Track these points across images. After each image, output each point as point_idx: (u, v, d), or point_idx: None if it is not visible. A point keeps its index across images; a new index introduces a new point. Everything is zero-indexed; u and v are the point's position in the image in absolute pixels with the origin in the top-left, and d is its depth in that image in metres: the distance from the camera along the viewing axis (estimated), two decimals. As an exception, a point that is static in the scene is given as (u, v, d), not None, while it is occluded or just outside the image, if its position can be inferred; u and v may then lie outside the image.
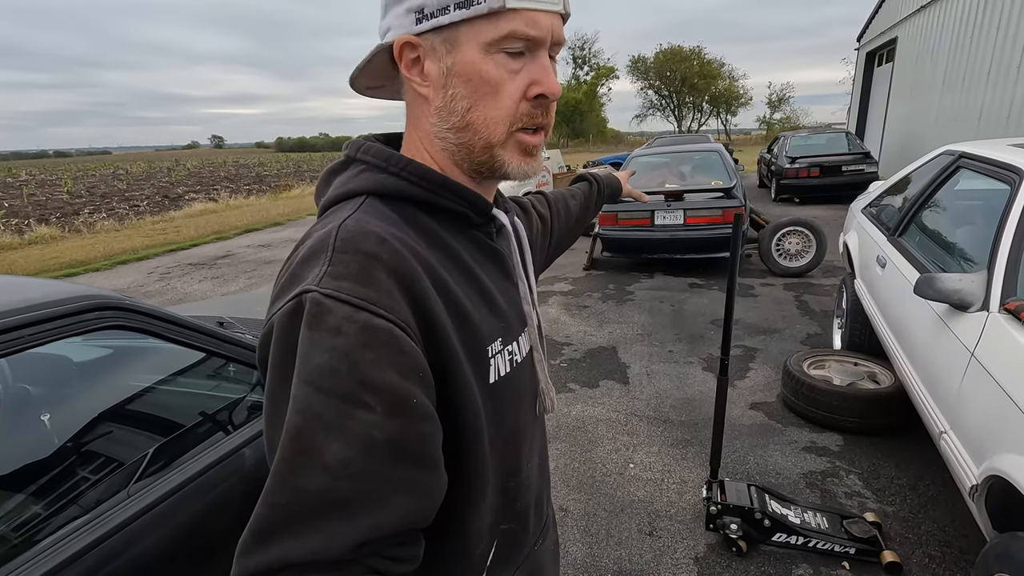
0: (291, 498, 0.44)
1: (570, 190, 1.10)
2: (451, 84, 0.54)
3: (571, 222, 1.04)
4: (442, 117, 0.56)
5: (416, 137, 0.61)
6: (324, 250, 0.50)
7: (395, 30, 0.55)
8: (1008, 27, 7.55)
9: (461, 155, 0.58)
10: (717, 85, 47.10)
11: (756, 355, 3.84)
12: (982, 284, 1.74)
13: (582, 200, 1.09)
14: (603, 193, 1.16)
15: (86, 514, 1.17)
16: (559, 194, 1.05)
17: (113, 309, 1.26)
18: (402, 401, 0.46)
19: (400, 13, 0.55)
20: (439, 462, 0.51)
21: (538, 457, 0.75)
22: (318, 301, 0.46)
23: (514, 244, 0.68)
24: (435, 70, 0.55)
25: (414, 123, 0.60)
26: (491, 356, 0.59)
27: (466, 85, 0.54)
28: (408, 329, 0.48)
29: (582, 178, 1.16)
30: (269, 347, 0.49)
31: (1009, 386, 1.44)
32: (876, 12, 14.87)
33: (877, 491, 2.36)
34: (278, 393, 0.48)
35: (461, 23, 0.52)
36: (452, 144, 0.58)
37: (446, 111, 0.56)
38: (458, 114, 0.55)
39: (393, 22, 0.55)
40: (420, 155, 0.61)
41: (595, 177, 1.16)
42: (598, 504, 2.39)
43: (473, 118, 0.55)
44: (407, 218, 0.57)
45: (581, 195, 1.10)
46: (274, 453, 0.46)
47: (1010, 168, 2.02)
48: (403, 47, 0.55)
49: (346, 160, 0.61)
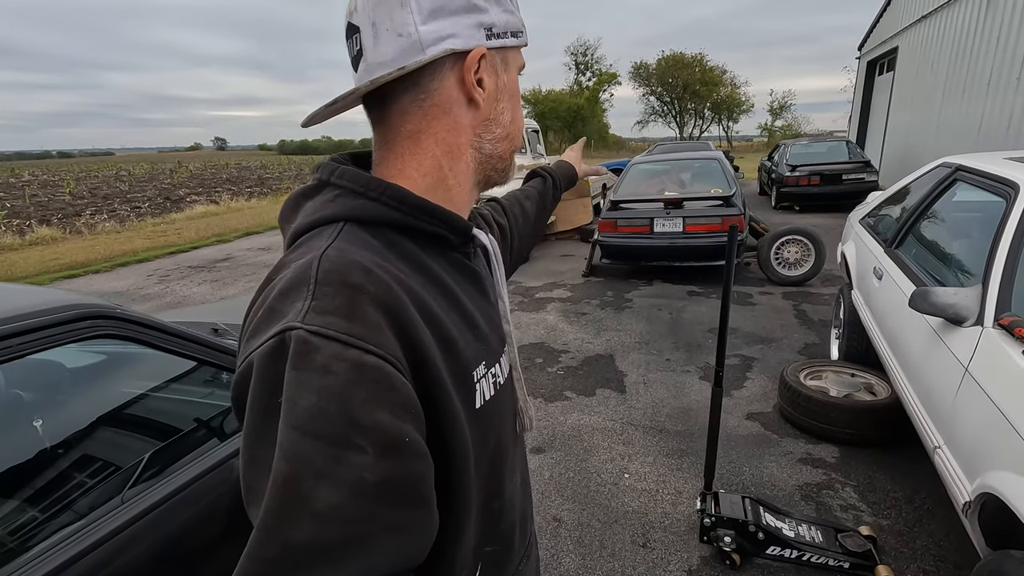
0: (279, 551, 0.42)
1: (524, 191, 1.07)
2: (502, 98, 0.61)
3: (528, 225, 1.01)
4: (487, 128, 0.61)
5: (431, 151, 0.58)
6: (305, 282, 0.47)
7: (464, 39, 0.55)
8: (1007, 39, 7.57)
9: (489, 164, 0.63)
10: (719, 92, 47.20)
11: (753, 364, 3.83)
12: (977, 299, 1.73)
13: (537, 199, 1.06)
14: (558, 185, 1.13)
15: (77, 521, 1.17)
16: (513, 198, 1.02)
17: (103, 318, 1.26)
18: (394, 441, 0.44)
19: (469, 24, 0.55)
20: (432, 500, 0.49)
21: (520, 475, 0.74)
22: (304, 339, 0.43)
23: (493, 264, 0.68)
24: (492, 84, 0.59)
25: (434, 137, 0.58)
26: (476, 381, 0.58)
27: (511, 100, 0.62)
28: (398, 364, 0.46)
29: (535, 174, 1.13)
30: (247, 387, 0.46)
31: (1002, 403, 1.43)
32: (877, 21, 14.92)
33: (873, 504, 2.35)
34: (260, 437, 0.45)
35: (511, 48, 0.61)
36: (486, 155, 0.62)
37: (494, 123, 0.61)
38: (503, 125, 0.62)
39: (459, 31, 0.55)
40: (428, 169, 0.58)
41: (548, 171, 1.12)
42: (592, 515, 2.38)
43: (513, 129, 0.63)
44: (388, 244, 0.55)
45: (535, 194, 1.07)
46: (255, 499, 0.44)
47: (1006, 182, 2.02)
48: (481, 57, 0.57)
49: (319, 184, 0.59)
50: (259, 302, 0.51)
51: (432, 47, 0.54)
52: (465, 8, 0.55)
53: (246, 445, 0.46)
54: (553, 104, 45.39)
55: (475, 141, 0.61)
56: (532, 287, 6.11)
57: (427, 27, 0.54)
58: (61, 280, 7.43)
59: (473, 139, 0.61)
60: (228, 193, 20.73)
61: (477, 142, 0.61)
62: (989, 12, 8.19)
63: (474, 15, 0.56)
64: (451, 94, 0.57)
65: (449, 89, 0.57)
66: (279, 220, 0.61)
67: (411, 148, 0.59)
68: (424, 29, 0.54)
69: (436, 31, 0.54)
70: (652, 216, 5.77)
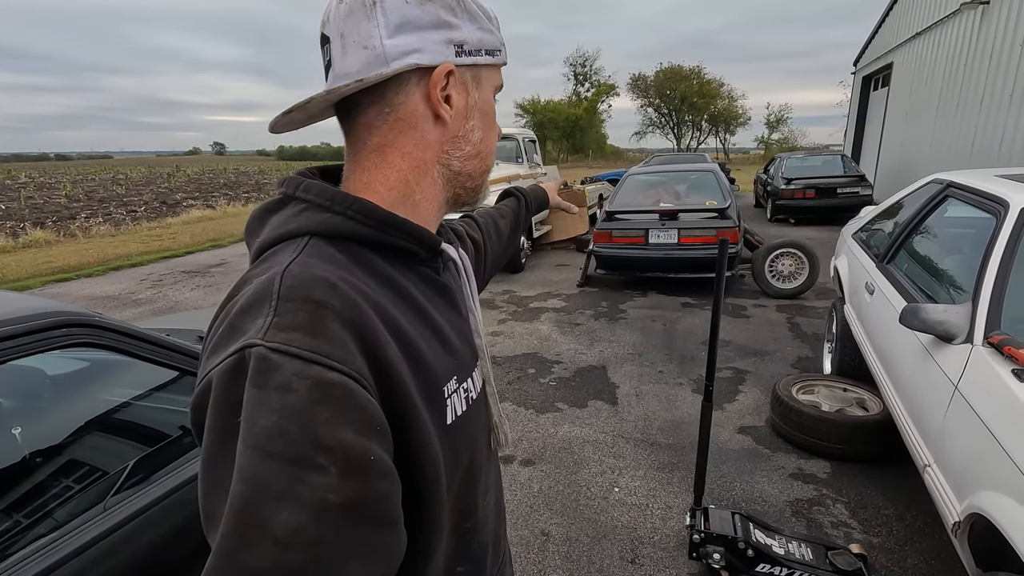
0: None
1: (499, 209, 1.07)
2: (472, 116, 0.60)
3: (502, 242, 1.01)
4: (456, 145, 0.60)
5: (397, 165, 0.58)
6: (267, 298, 0.46)
7: (431, 55, 0.55)
8: (1000, 56, 7.66)
9: (457, 181, 0.62)
10: (716, 104, 47.60)
11: (746, 377, 3.82)
12: (966, 316, 1.73)
13: (511, 218, 1.06)
14: (531, 208, 1.14)
15: (56, 530, 1.15)
16: (487, 215, 1.02)
17: (82, 326, 1.24)
18: (359, 460, 0.43)
19: (437, 40, 0.55)
20: (399, 520, 0.48)
21: (494, 494, 0.72)
22: (264, 356, 0.42)
23: (463, 277, 0.67)
24: (461, 101, 0.58)
25: (400, 151, 0.58)
26: (447, 396, 0.57)
27: (483, 118, 0.62)
28: (363, 381, 0.45)
29: (509, 193, 1.13)
30: (206, 408, 0.45)
31: (991, 422, 1.42)
32: (872, 37, 15.09)
33: (863, 521, 2.33)
34: (218, 459, 0.43)
35: (485, 67, 0.61)
36: (454, 171, 0.61)
37: (463, 140, 0.60)
38: (472, 143, 0.61)
39: (425, 46, 0.54)
40: (394, 183, 0.58)
41: (522, 192, 1.13)
42: (581, 529, 2.36)
43: (483, 148, 0.63)
44: (354, 258, 0.54)
45: (510, 212, 1.07)
46: (213, 525, 0.42)
47: (996, 199, 2.02)
48: (448, 74, 0.56)
49: (284, 198, 0.58)
50: (220, 319, 0.50)
51: (396, 61, 0.54)
52: (434, 24, 0.55)
53: (204, 468, 0.45)
54: (552, 114, 45.68)
55: (443, 158, 0.60)
56: (526, 296, 6.10)
57: (392, 41, 0.53)
58: (53, 283, 7.38)
59: (441, 155, 0.60)
60: (225, 198, 20.70)
61: (445, 159, 0.60)
62: (982, 30, 8.29)
63: (443, 31, 0.55)
64: (416, 109, 0.57)
65: (415, 104, 0.56)
66: (245, 234, 0.60)
67: (377, 162, 0.58)
68: (389, 43, 0.53)
69: (401, 45, 0.54)
70: (647, 227, 5.78)
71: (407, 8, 0.54)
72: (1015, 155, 7.09)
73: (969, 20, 8.78)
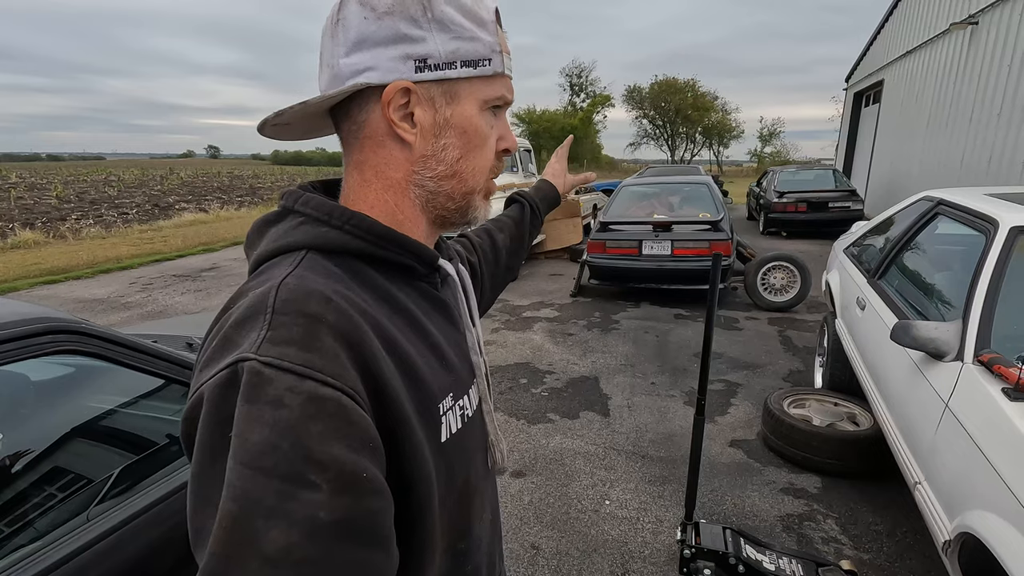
0: None
1: (497, 221, 1.00)
2: (445, 134, 0.56)
3: (501, 259, 0.96)
4: (426, 165, 0.57)
5: (373, 184, 0.58)
6: (262, 312, 0.46)
7: (383, 72, 0.53)
8: (989, 76, 7.79)
9: (436, 202, 0.59)
10: (710, 117, 48.08)
11: (738, 391, 3.82)
12: (957, 334, 1.74)
13: (512, 229, 1.00)
14: (537, 211, 1.05)
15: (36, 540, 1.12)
16: (483, 231, 0.96)
17: (68, 333, 1.22)
18: (351, 477, 0.42)
19: (393, 57, 0.53)
20: (391, 539, 0.47)
21: (490, 513, 0.71)
22: (257, 371, 0.42)
23: (460, 294, 0.66)
24: (428, 119, 0.55)
25: (374, 169, 0.57)
26: (442, 413, 0.56)
27: (460, 137, 0.57)
28: (357, 397, 0.45)
29: (512, 200, 1.05)
30: (197, 422, 0.44)
31: (981, 440, 1.42)
32: (864, 54, 15.32)
33: (854, 537, 2.32)
34: (208, 475, 0.43)
35: (463, 80, 0.55)
36: (429, 192, 0.58)
37: (434, 160, 0.57)
38: (446, 163, 0.57)
39: (379, 64, 0.53)
40: (374, 202, 0.58)
41: (526, 197, 1.04)
42: (571, 543, 2.34)
43: (461, 167, 0.58)
44: (351, 273, 0.54)
45: (510, 223, 1.00)
46: (202, 542, 0.41)
47: (986, 218, 2.05)
48: (397, 92, 0.53)
49: (283, 211, 0.58)
50: (214, 331, 0.49)
51: (349, 80, 0.54)
52: (391, 39, 0.53)
53: (193, 483, 0.44)
54: (547, 124, 45.91)
55: (414, 178, 0.58)
56: (519, 306, 6.09)
57: (347, 59, 0.54)
58: (41, 285, 7.29)
59: (412, 175, 0.58)
60: (218, 202, 20.60)
61: (417, 179, 0.58)
62: (971, 50, 8.44)
63: (402, 46, 0.53)
64: (379, 127, 0.56)
65: (376, 123, 0.56)
66: (244, 247, 0.59)
67: (358, 179, 0.58)
68: (344, 62, 0.54)
69: (354, 64, 0.53)
70: (641, 238, 5.80)
71: (364, 24, 0.53)
72: (1003, 173, 7.19)
73: (958, 40, 8.94)
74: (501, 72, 0.57)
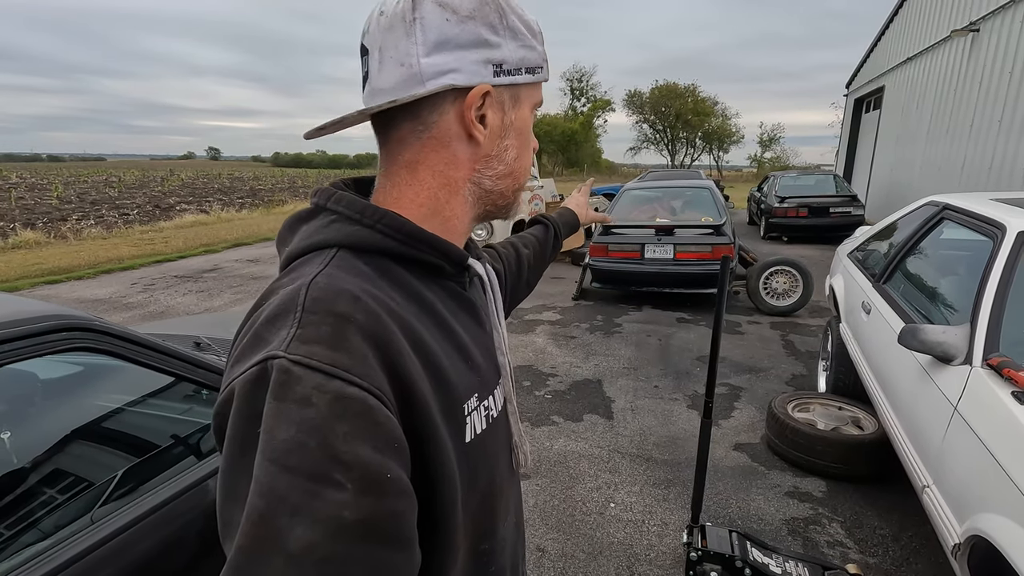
0: None
1: (522, 238, 1.06)
2: (507, 135, 0.59)
3: (523, 272, 1.00)
4: (488, 164, 0.59)
5: (428, 183, 0.58)
6: (292, 310, 0.46)
7: (467, 75, 0.54)
8: (989, 83, 7.82)
9: (488, 199, 0.61)
10: (710, 122, 48.25)
11: (741, 394, 3.82)
12: (965, 337, 1.74)
13: (536, 247, 1.05)
14: (560, 234, 1.14)
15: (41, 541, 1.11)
16: (509, 244, 1.02)
17: (81, 330, 1.22)
18: (376, 477, 0.42)
19: (475, 60, 0.54)
20: (414, 540, 0.47)
21: (514, 516, 0.71)
22: (286, 369, 0.42)
23: (489, 293, 0.66)
24: (497, 121, 0.57)
25: (431, 169, 0.57)
26: (467, 414, 0.56)
27: (518, 137, 0.60)
28: (384, 397, 0.45)
29: (537, 221, 1.13)
30: (228, 416, 0.45)
31: (991, 444, 1.43)
32: (864, 61, 15.39)
33: (860, 541, 2.32)
34: (237, 469, 0.44)
35: (525, 85, 0.59)
36: (485, 190, 0.60)
37: (496, 160, 0.59)
38: (506, 163, 0.60)
39: (463, 66, 0.54)
40: (423, 200, 0.58)
41: (551, 220, 1.13)
42: (576, 545, 2.33)
43: (517, 167, 0.61)
44: (381, 271, 0.54)
45: (535, 241, 1.06)
46: (229, 533, 0.42)
47: (993, 223, 2.05)
48: (484, 94, 0.55)
49: (315, 209, 0.58)
50: (246, 328, 0.50)
51: (432, 81, 0.53)
52: (474, 43, 0.54)
53: (223, 476, 0.45)
54: (548, 128, 46.01)
55: (474, 176, 0.59)
56: (522, 309, 6.09)
57: (429, 59, 0.53)
58: (42, 286, 7.29)
59: (472, 175, 0.59)
60: (219, 203, 20.61)
61: (477, 177, 0.59)
62: (972, 57, 8.47)
63: (482, 50, 0.54)
64: (450, 128, 0.56)
65: (448, 124, 0.56)
66: (276, 243, 0.60)
67: (407, 178, 0.58)
68: (426, 61, 0.53)
69: (438, 65, 0.53)
70: (643, 242, 5.81)
71: (447, 26, 0.53)
72: (1003, 180, 7.22)
73: (959, 47, 8.98)
74: (547, 79, 0.62)
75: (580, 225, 1.20)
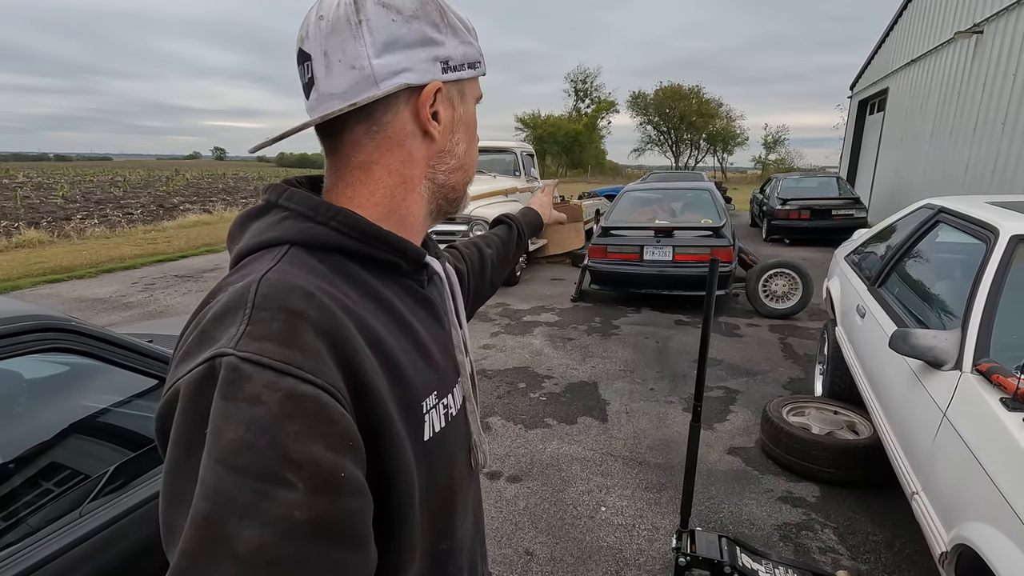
0: None
1: (485, 238, 1.04)
2: (457, 130, 0.61)
3: (487, 272, 0.99)
4: (441, 160, 0.60)
5: (383, 182, 0.57)
6: (241, 306, 0.45)
7: (419, 73, 0.55)
8: (993, 85, 7.77)
9: (441, 195, 0.62)
10: (715, 124, 48.15)
11: (737, 397, 3.80)
12: (956, 342, 1.72)
13: (499, 247, 1.04)
14: (523, 234, 1.11)
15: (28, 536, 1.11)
16: (472, 245, 1.00)
17: (58, 331, 1.22)
18: (329, 476, 0.41)
19: (424, 58, 0.55)
20: (369, 539, 0.46)
21: (473, 514, 0.70)
22: (234, 366, 0.41)
23: (447, 291, 0.66)
24: (448, 116, 0.59)
25: (386, 168, 0.57)
26: (426, 412, 0.55)
27: (466, 131, 0.62)
28: (338, 394, 0.44)
29: (501, 221, 1.11)
30: (172, 418, 0.43)
31: (979, 451, 1.41)
32: (868, 63, 15.32)
33: (852, 547, 2.30)
34: (181, 473, 0.42)
35: (468, 80, 0.61)
36: (439, 185, 0.61)
37: (448, 154, 0.60)
38: (457, 157, 0.61)
39: (414, 65, 0.54)
40: (379, 199, 0.57)
41: (513, 219, 1.10)
42: (565, 549, 2.32)
43: (467, 160, 0.63)
44: (335, 269, 0.53)
45: (498, 241, 1.04)
46: (173, 540, 0.40)
47: (986, 226, 2.03)
48: (436, 91, 0.56)
49: (266, 205, 0.57)
50: (192, 326, 0.48)
51: (386, 81, 0.53)
52: (421, 41, 0.54)
53: (166, 481, 0.43)
54: (552, 129, 46.03)
55: (429, 173, 0.60)
56: (520, 310, 6.08)
57: (381, 60, 0.53)
58: (44, 284, 7.32)
59: (427, 171, 0.60)
60: (223, 203, 20.69)
61: (431, 173, 0.60)
62: (976, 59, 8.42)
63: (430, 48, 0.55)
64: (405, 127, 0.56)
65: (403, 122, 0.56)
66: (227, 240, 0.59)
67: (362, 178, 0.57)
68: (378, 63, 0.53)
69: (391, 65, 0.53)
70: (642, 244, 5.79)
71: (394, 26, 0.53)
72: (1007, 182, 7.16)
73: (963, 49, 8.93)
74: (485, 73, 0.63)
75: (543, 224, 1.19)
